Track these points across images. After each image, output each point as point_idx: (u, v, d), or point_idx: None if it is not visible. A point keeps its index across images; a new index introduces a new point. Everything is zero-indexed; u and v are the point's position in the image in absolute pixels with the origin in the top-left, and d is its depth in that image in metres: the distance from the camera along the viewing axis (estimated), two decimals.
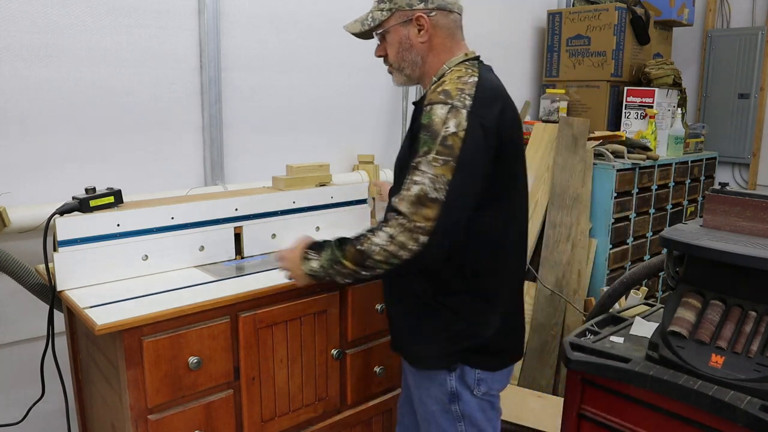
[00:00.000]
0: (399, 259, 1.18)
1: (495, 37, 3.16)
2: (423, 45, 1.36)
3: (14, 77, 1.74)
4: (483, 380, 1.37)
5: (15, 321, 1.83)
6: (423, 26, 1.34)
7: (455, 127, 1.18)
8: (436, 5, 1.34)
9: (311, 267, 1.32)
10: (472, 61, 1.35)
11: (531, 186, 2.83)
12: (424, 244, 1.16)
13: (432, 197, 1.15)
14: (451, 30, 1.36)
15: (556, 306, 2.63)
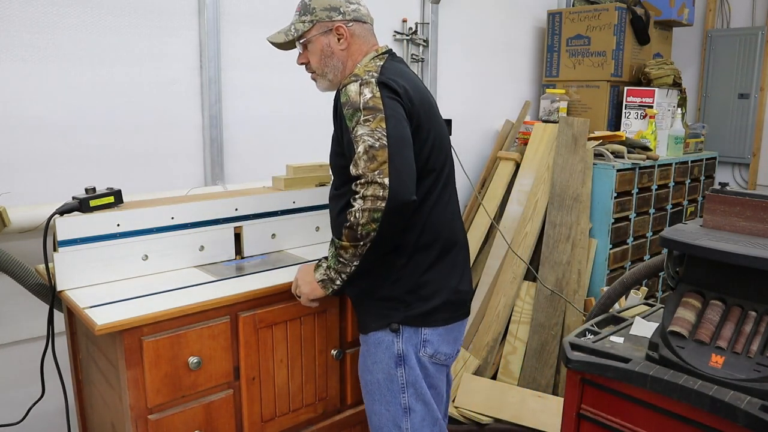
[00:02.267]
0: (379, 211, 1.28)
1: (495, 37, 3.16)
2: (343, 52, 1.51)
3: (14, 77, 1.74)
4: (429, 342, 1.45)
5: (15, 321, 1.83)
6: (343, 35, 1.50)
7: (371, 93, 1.34)
8: (353, 17, 1.51)
9: (321, 273, 1.45)
10: (382, 55, 1.50)
11: (531, 186, 2.83)
12: (390, 186, 1.27)
13: (377, 146, 1.29)
14: (366, 37, 1.53)
15: (556, 306, 2.63)
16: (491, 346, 2.67)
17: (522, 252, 2.73)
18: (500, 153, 3.02)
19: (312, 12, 1.49)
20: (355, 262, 1.38)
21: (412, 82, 1.43)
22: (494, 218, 2.88)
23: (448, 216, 1.49)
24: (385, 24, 2.65)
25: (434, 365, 1.48)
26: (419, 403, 1.46)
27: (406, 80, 1.41)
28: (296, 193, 1.89)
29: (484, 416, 2.47)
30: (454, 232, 1.50)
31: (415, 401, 1.46)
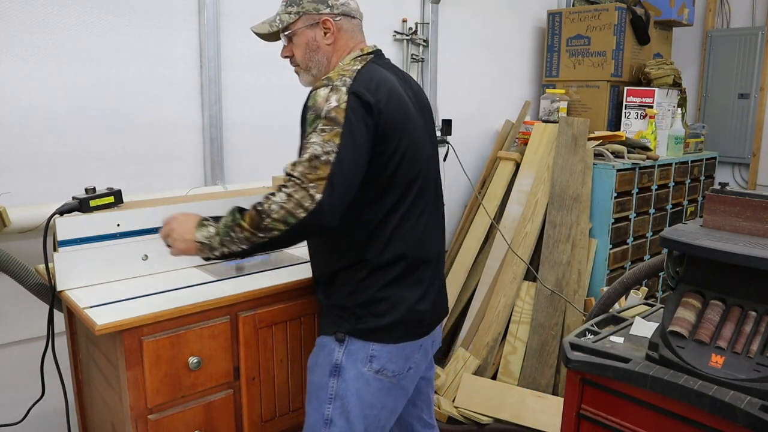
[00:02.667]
0: (295, 218, 1.22)
1: (495, 37, 3.16)
2: (329, 47, 1.46)
3: (14, 77, 1.74)
4: (376, 357, 1.37)
5: (15, 321, 1.83)
6: (329, 29, 1.44)
7: (336, 102, 1.26)
8: (341, 11, 1.45)
9: (205, 234, 1.29)
10: (366, 56, 1.44)
11: (531, 186, 2.83)
12: (318, 202, 1.22)
13: (323, 159, 1.23)
14: (354, 33, 1.48)
15: (556, 306, 2.63)
16: (491, 346, 2.67)
17: (522, 252, 2.73)
18: (500, 153, 3.02)
19: (299, 3, 1.44)
20: (244, 246, 1.27)
21: (389, 90, 1.34)
22: (494, 218, 2.88)
23: (418, 231, 1.40)
24: (385, 24, 2.65)
25: (380, 381, 1.39)
26: (342, 418, 1.38)
27: (381, 88, 1.33)
28: None
29: (484, 416, 2.47)
30: (423, 249, 1.42)
31: (339, 416, 1.38)
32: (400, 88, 1.40)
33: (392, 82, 1.38)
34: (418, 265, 1.41)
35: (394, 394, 1.44)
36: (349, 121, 1.24)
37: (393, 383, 1.42)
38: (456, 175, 2.99)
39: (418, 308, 1.40)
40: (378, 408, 1.41)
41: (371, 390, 1.39)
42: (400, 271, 1.38)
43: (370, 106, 1.28)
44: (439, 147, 2.84)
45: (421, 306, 1.41)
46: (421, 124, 1.45)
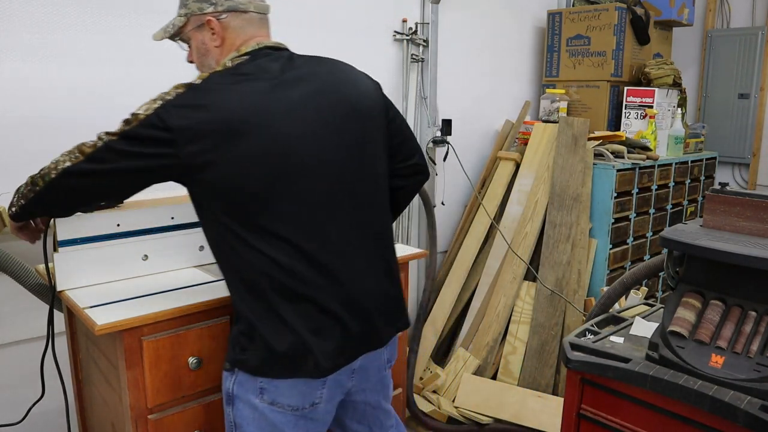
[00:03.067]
0: (49, 177, 1.21)
1: (495, 37, 3.16)
2: (217, 49, 1.33)
3: (14, 77, 1.74)
4: (266, 390, 1.23)
5: (15, 321, 1.83)
6: (214, 30, 1.31)
7: (143, 111, 1.17)
8: (226, 7, 1.31)
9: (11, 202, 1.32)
10: (240, 57, 1.28)
11: (531, 186, 2.83)
12: (63, 169, 1.19)
13: (96, 142, 1.19)
14: (243, 28, 1.32)
15: (556, 306, 2.63)
16: (491, 346, 2.67)
17: (522, 252, 2.73)
18: (500, 153, 3.02)
19: (186, 5, 1.33)
20: (22, 200, 1.28)
21: (233, 102, 1.17)
22: (494, 218, 2.88)
23: (286, 260, 1.20)
24: (385, 24, 2.65)
25: (281, 414, 1.24)
26: None
27: (220, 102, 1.17)
28: None
29: (484, 416, 2.47)
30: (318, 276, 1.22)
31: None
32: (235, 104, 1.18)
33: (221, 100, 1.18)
34: (290, 296, 1.21)
35: (305, 427, 1.28)
36: (133, 133, 1.16)
37: (299, 415, 1.26)
38: (456, 175, 2.99)
39: (309, 343, 1.21)
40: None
41: (271, 421, 1.25)
42: (274, 300, 1.21)
43: (167, 130, 1.15)
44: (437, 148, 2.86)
45: (313, 341, 1.21)
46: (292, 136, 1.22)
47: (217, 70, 1.26)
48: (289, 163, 1.21)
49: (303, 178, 1.22)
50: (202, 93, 1.19)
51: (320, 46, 2.39)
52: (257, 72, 1.24)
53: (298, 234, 1.21)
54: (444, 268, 2.98)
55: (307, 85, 1.27)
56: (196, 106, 1.17)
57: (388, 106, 1.44)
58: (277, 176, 1.20)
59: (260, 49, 1.31)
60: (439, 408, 2.55)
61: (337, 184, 1.26)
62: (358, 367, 1.33)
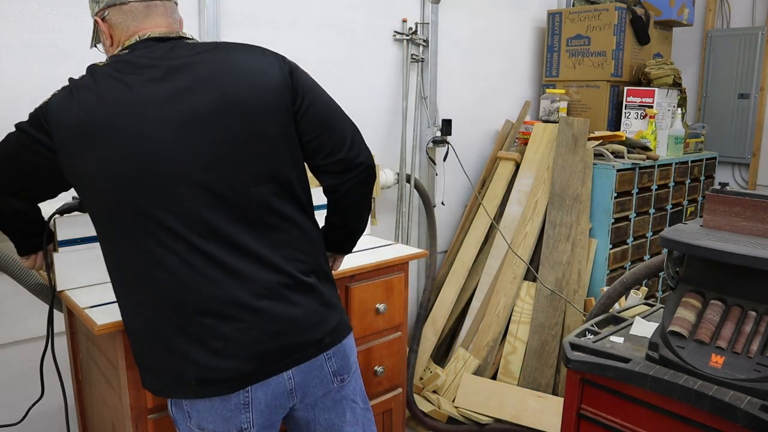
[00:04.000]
0: None
1: (495, 37, 3.16)
2: (111, 48, 1.25)
3: (14, 77, 1.74)
4: (191, 413, 1.18)
5: (15, 321, 1.83)
6: (103, 30, 1.25)
7: (39, 105, 1.19)
8: (104, 4, 1.22)
9: None
10: (122, 51, 1.21)
11: (531, 186, 2.83)
12: None
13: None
14: (127, 23, 1.21)
15: (556, 306, 2.63)
16: (491, 346, 2.67)
17: (522, 252, 2.73)
18: (500, 153, 3.02)
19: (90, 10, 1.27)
20: None
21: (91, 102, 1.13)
22: (494, 218, 2.88)
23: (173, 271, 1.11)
24: (385, 24, 2.65)
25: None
26: None
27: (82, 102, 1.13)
28: None
29: (484, 416, 2.47)
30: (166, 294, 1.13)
31: None
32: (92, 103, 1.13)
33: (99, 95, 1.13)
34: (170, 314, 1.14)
35: None
36: (20, 127, 1.19)
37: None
38: (456, 175, 2.99)
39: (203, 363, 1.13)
40: None
41: None
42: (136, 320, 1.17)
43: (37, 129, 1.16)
44: (437, 148, 2.86)
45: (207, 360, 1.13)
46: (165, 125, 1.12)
47: (93, 66, 1.20)
48: (146, 168, 1.11)
49: (160, 184, 1.12)
50: (67, 93, 1.17)
51: (320, 46, 2.40)
52: (126, 68, 1.16)
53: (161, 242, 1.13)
54: (444, 268, 2.98)
55: (179, 78, 1.14)
56: (62, 107, 1.15)
57: (297, 97, 1.22)
58: (132, 182, 1.11)
59: (140, 41, 1.19)
60: (439, 408, 2.55)
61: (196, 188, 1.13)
62: (295, 385, 1.23)
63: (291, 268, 1.20)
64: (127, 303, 1.19)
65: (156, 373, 1.18)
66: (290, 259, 1.20)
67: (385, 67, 2.68)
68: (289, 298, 1.19)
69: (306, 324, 1.21)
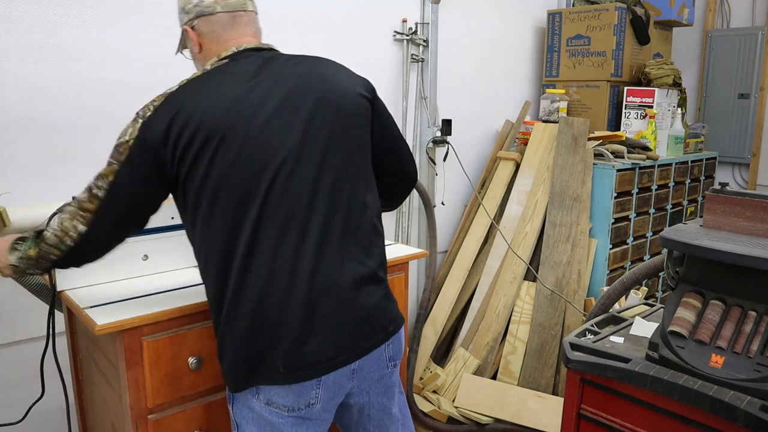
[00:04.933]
0: (66, 246, 1.25)
1: (495, 37, 3.16)
2: (200, 56, 1.37)
3: (14, 77, 1.74)
4: (262, 390, 1.24)
5: (15, 321, 1.83)
6: (192, 38, 1.35)
7: (128, 136, 1.22)
8: (195, 13, 1.33)
9: (16, 258, 1.32)
10: (220, 61, 1.30)
11: (531, 186, 2.83)
12: (81, 234, 1.24)
13: (94, 192, 1.24)
14: (217, 33, 1.33)
15: (556, 306, 2.63)
16: (491, 346, 2.67)
17: (522, 252, 2.73)
18: (500, 153, 3.02)
19: (179, 19, 1.38)
20: (39, 269, 1.32)
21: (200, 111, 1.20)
22: (494, 218, 2.88)
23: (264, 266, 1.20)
24: (385, 24, 2.65)
25: (278, 414, 1.24)
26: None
27: (185, 112, 1.19)
28: None
29: (484, 416, 2.47)
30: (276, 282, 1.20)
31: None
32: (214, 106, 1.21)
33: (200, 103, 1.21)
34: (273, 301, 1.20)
35: (303, 427, 1.29)
36: (130, 159, 1.21)
37: (296, 416, 1.26)
38: (456, 175, 2.99)
39: (299, 351, 1.20)
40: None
41: (269, 421, 1.25)
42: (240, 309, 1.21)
43: (152, 140, 1.20)
44: (437, 148, 2.86)
45: (302, 348, 1.21)
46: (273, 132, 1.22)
47: (195, 75, 1.30)
48: (263, 165, 1.21)
49: (277, 180, 1.22)
50: (174, 100, 1.23)
51: (320, 46, 2.40)
52: (232, 75, 1.26)
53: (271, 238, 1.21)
54: (444, 268, 2.98)
55: (281, 84, 1.26)
56: (173, 108, 1.21)
57: (375, 116, 1.38)
58: (251, 177, 1.20)
59: (240, 51, 1.31)
60: (439, 408, 2.55)
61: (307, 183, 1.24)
62: (357, 367, 1.31)
63: (371, 261, 1.31)
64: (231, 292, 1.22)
65: (244, 361, 1.22)
66: (371, 253, 1.32)
67: (385, 67, 2.68)
68: (368, 289, 1.29)
69: (378, 313, 1.31)
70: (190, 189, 1.23)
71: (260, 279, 1.20)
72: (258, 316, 1.20)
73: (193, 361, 1.41)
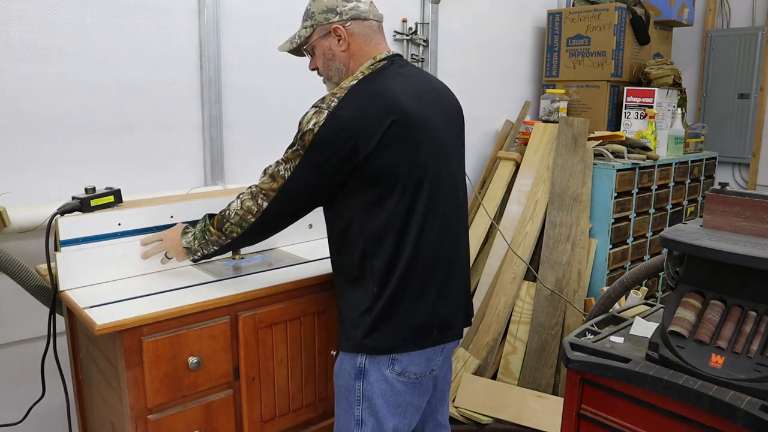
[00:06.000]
0: (248, 222, 1.42)
1: (495, 37, 3.16)
2: (344, 53, 1.48)
3: (14, 77, 1.74)
4: (397, 360, 1.40)
5: (15, 321, 1.83)
6: (341, 36, 1.46)
7: (313, 125, 1.32)
8: (350, 15, 1.46)
9: (187, 239, 1.54)
10: (379, 62, 1.45)
11: (531, 186, 2.83)
12: (264, 210, 1.39)
13: (281, 173, 1.37)
14: (368, 36, 1.49)
15: (556, 306, 2.63)
16: (491, 346, 2.67)
17: (522, 252, 2.73)
18: (500, 153, 3.02)
19: (312, 17, 1.48)
20: (215, 247, 1.49)
21: (379, 105, 1.33)
22: (494, 218, 2.88)
23: (432, 236, 1.40)
24: (385, 24, 2.64)
25: (403, 383, 1.43)
26: (372, 417, 1.43)
27: (378, 101, 1.34)
28: None
29: (484, 416, 2.47)
30: (437, 254, 1.42)
31: (369, 415, 1.43)
32: (401, 98, 1.36)
33: (389, 94, 1.36)
34: (431, 271, 1.41)
35: (418, 393, 1.47)
36: (315, 144, 1.32)
37: (416, 383, 1.45)
38: None
39: (438, 313, 1.42)
40: (403, 407, 1.45)
41: (395, 390, 1.42)
42: (410, 279, 1.38)
43: (349, 130, 1.31)
44: None
45: (441, 311, 1.43)
46: (436, 129, 1.43)
47: (363, 73, 1.42)
48: (441, 152, 1.43)
49: (447, 165, 1.45)
50: (360, 87, 1.36)
51: None
52: (402, 72, 1.45)
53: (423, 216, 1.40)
54: None
55: (429, 85, 1.51)
56: (361, 98, 1.34)
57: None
58: (433, 161, 1.40)
59: (390, 56, 1.48)
60: None
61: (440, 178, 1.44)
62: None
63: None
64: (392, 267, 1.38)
65: (396, 327, 1.39)
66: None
67: None
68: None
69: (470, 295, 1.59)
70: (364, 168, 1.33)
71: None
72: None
73: (193, 361, 1.41)
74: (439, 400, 1.65)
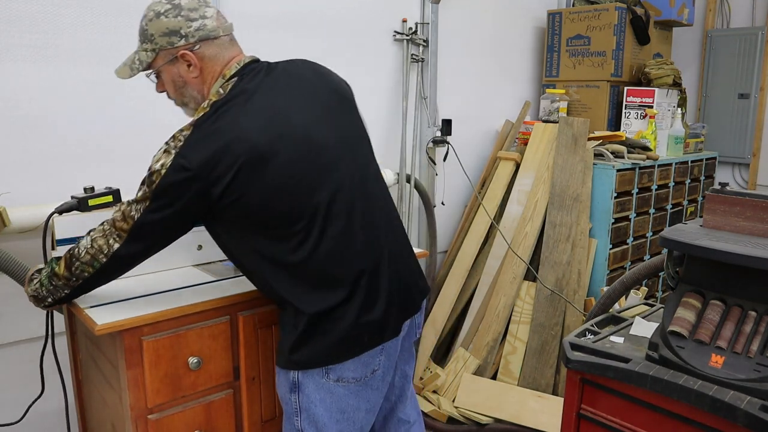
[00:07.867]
0: (99, 263, 1.31)
1: (495, 37, 3.16)
2: (197, 79, 1.36)
3: (14, 77, 1.74)
4: (331, 369, 1.33)
5: (15, 321, 1.83)
6: (191, 62, 1.34)
7: (160, 167, 1.23)
8: (198, 37, 1.33)
9: (33, 287, 1.40)
10: (229, 81, 1.33)
11: (531, 186, 2.83)
12: (115, 251, 1.29)
13: (131, 214, 1.27)
14: (219, 54, 1.36)
15: (556, 306, 2.63)
16: (491, 346, 2.67)
17: (522, 252, 2.73)
18: (500, 153, 3.02)
19: (151, 39, 1.34)
20: (66, 291, 1.36)
21: (237, 138, 1.23)
22: (494, 218, 2.88)
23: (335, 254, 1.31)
24: (385, 24, 2.65)
25: (344, 387, 1.35)
26: (312, 427, 1.36)
27: (224, 141, 1.22)
28: None
29: (484, 416, 2.47)
30: (348, 266, 1.32)
31: (309, 425, 1.36)
32: (250, 133, 1.25)
33: (238, 129, 1.24)
34: (351, 282, 1.32)
35: (365, 396, 1.39)
36: (162, 189, 1.23)
37: (360, 386, 1.37)
38: (456, 175, 2.99)
39: (364, 321, 1.33)
40: (349, 411, 1.37)
41: (336, 396, 1.35)
42: (327, 292, 1.31)
43: (196, 171, 1.21)
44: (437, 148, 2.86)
45: (368, 318, 1.33)
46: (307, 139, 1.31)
47: (212, 100, 1.30)
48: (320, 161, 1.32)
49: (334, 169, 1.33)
50: (209, 125, 1.25)
51: (320, 46, 2.40)
52: (251, 88, 1.30)
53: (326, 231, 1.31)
54: (444, 268, 2.98)
55: (299, 82, 1.36)
56: (208, 137, 1.23)
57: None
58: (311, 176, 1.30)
59: (242, 67, 1.35)
60: (439, 408, 2.54)
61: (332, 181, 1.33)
62: (406, 332, 1.45)
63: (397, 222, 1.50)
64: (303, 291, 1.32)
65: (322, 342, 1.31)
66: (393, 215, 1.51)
67: (385, 67, 2.68)
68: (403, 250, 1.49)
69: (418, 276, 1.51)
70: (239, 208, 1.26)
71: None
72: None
73: (193, 361, 1.41)
74: (398, 397, 1.60)
